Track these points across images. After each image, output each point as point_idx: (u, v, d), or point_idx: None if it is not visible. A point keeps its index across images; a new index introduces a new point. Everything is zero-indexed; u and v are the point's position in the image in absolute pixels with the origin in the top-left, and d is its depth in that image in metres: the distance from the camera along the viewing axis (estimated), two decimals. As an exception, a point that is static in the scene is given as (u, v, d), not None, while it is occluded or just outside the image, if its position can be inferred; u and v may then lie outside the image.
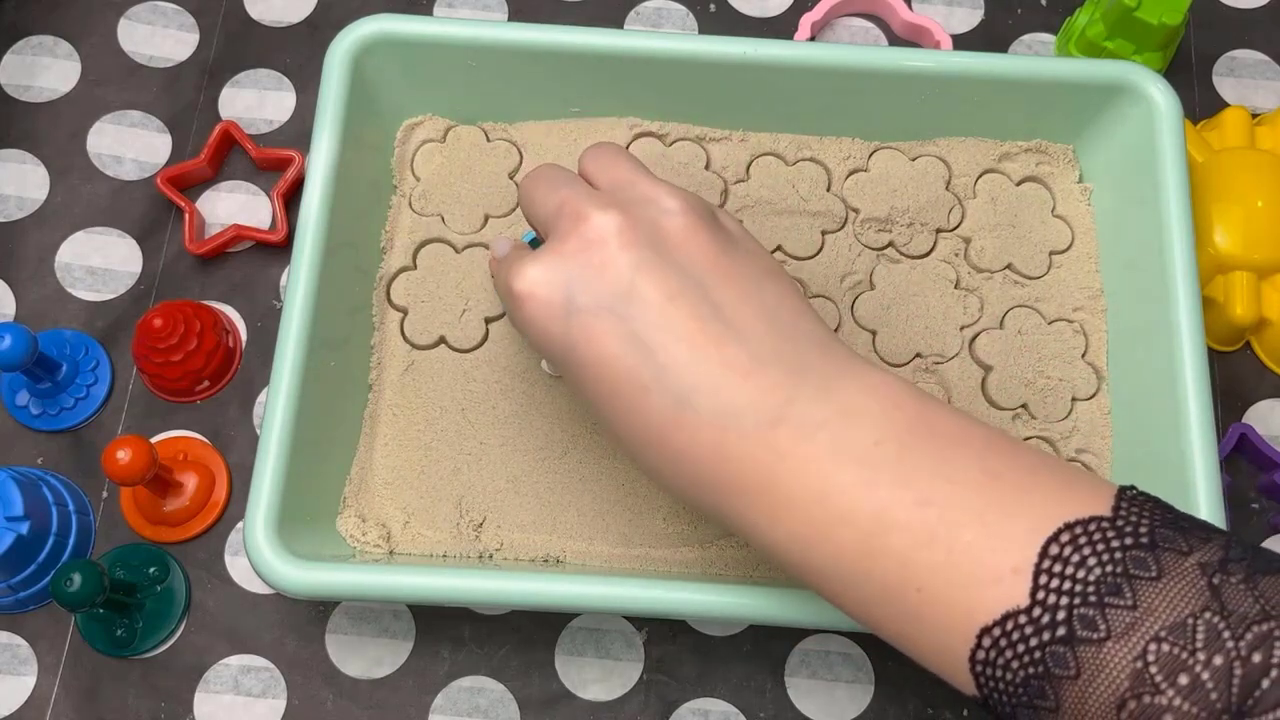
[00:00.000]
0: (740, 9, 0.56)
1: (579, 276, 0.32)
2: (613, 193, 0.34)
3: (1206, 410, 0.41)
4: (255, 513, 0.39)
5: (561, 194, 0.34)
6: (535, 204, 0.36)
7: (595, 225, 0.32)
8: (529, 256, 0.34)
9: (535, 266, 0.33)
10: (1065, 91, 0.46)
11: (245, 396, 0.49)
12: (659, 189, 0.34)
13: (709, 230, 0.33)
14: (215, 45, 0.55)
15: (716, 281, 0.32)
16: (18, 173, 0.52)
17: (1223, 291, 0.48)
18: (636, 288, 0.31)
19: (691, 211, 0.33)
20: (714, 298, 0.32)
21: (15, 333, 0.43)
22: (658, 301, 0.31)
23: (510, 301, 0.34)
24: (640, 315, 0.31)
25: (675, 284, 0.32)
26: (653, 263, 0.32)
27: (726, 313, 0.31)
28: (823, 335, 0.32)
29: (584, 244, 0.32)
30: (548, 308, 0.33)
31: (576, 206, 0.33)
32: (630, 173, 0.35)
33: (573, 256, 0.32)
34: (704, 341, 0.31)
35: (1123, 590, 0.26)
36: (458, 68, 0.46)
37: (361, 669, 0.45)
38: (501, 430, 0.45)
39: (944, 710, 0.45)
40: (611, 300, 0.32)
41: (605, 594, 0.38)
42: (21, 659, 0.45)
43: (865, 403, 0.30)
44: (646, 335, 0.31)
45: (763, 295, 0.32)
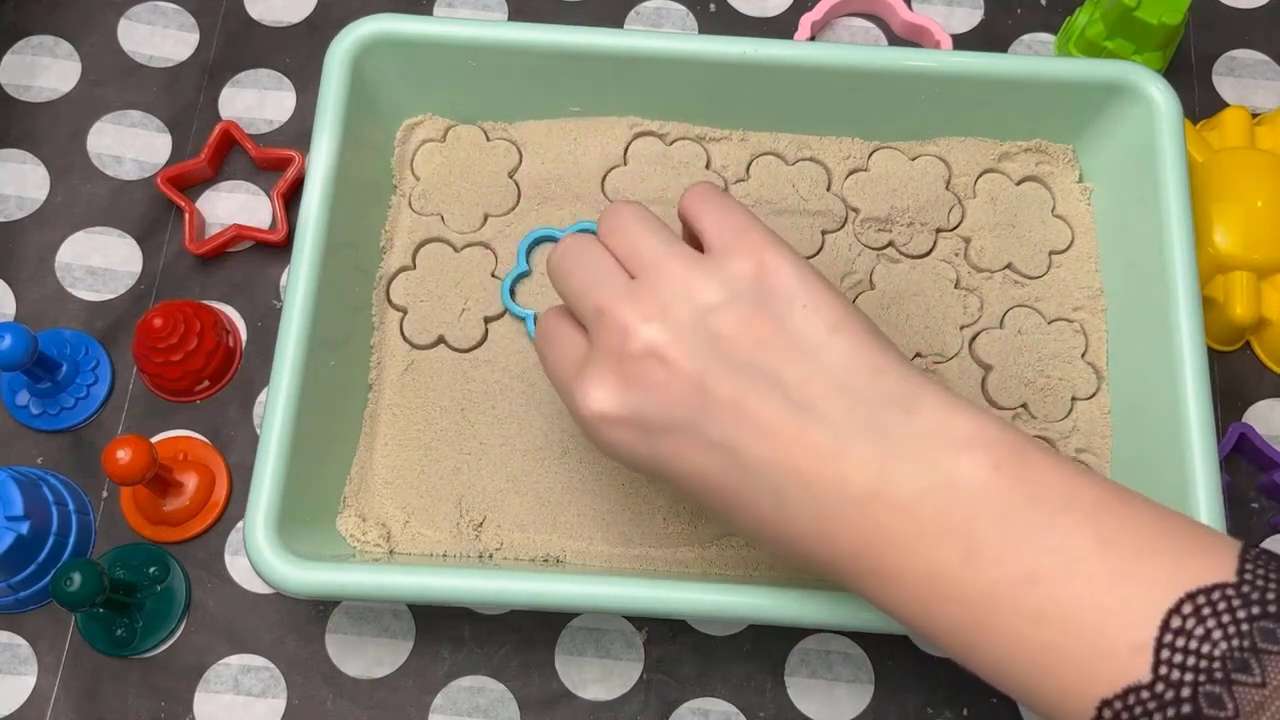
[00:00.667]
0: (740, 9, 0.56)
1: (644, 399, 0.32)
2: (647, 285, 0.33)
3: (1206, 410, 0.41)
4: (255, 512, 0.39)
5: (598, 296, 0.33)
6: (571, 297, 0.35)
7: (643, 342, 0.32)
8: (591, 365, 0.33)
9: (598, 388, 0.33)
10: (1065, 91, 0.46)
11: (245, 396, 0.49)
12: (692, 276, 0.32)
13: (756, 308, 0.32)
14: (215, 45, 0.55)
15: (780, 363, 0.31)
16: (18, 173, 0.52)
17: (1223, 291, 0.48)
18: (705, 397, 0.31)
19: (735, 295, 0.32)
20: (783, 381, 0.31)
21: (15, 333, 0.43)
22: (728, 405, 0.31)
23: (581, 421, 0.34)
24: (718, 422, 0.31)
25: (740, 383, 0.31)
26: (713, 369, 0.31)
27: (797, 396, 0.30)
28: (904, 389, 0.31)
29: (638, 364, 0.32)
30: (625, 432, 0.32)
31: (616, 316, 0.32)
32: (654, 251, 0.34)
33: (634, 379, 0.32)
34: (783, 434, 0.30)
35: (1250, 666, 0.25)
36: (458, 68, 0.46)
37: (361, 669, 0.45)
38: (501, 430, 0.45)
39: (944, 710, 0.45)
40: (684, 416, 0.31)
41: (605, 594, 0.38)
42: (21, 659, 0.45)
43: (962, 470, 0.29)
44: (727, 442, 0.31)
45: (833, 361, 0.31)
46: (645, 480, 0.44)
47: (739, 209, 0.35)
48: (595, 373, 0.33)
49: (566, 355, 0.35)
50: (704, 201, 0.35)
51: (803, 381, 0.31)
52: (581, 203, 0.48)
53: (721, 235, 0.34)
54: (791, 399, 0.30)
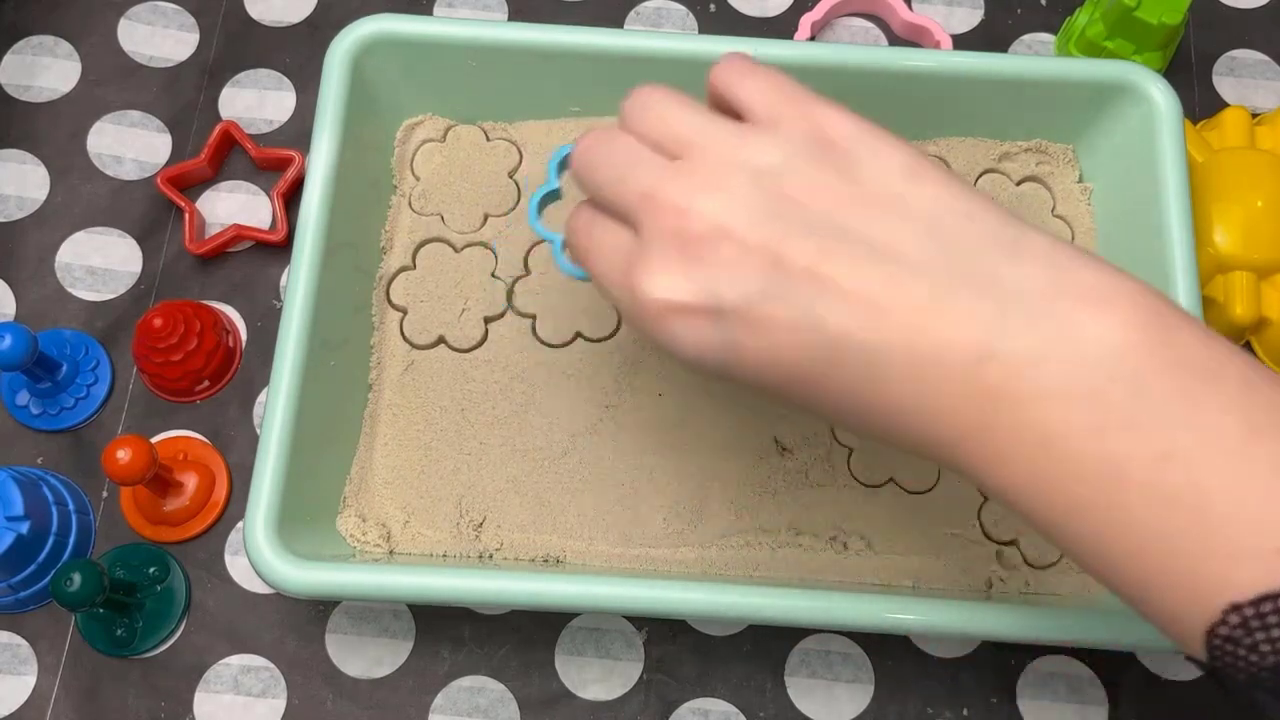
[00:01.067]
0: (740, 9, 0.56)
1: (714, 275, 0.28)
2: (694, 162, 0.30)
3: (1206, 410, 0.41)
4: (255, 513, 0.39)
5: (640, 179, 0.30)
6: (608, 188, 0.31)
7: (703, 217, 0.28)
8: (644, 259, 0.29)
9: (660, 275, 0.29)
10: (1065, 91, 0.46)
11: (245, 396, 0.49)
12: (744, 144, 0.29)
13: (819, 168, 0.29)
14: (215, 45, 0.55)
15: (859, 217, 0.28)
16: (18, 173, 0.52)
17: (1223, 291, 0.48)
18: (781, 266, 0.28)
19: (795, 156, 0.29)
20: (867, 237, 0.27)
21: (15, 333, 0.43)
22: (809, 270, 0.27)
23: (645, 317, 0.30)
24: (798, 292, 0.27)
25: (817, 244, 0.28)
26: (784, 234, 0.28)
27: (886, 249, 0.27)
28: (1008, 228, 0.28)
29: (701, 243, 0.28)
30: (700, 320, 0.29)
31: (669, 196, 0.29)
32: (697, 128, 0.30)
33: (700, 259, 0.28)
34: (873, 294, 0.27)
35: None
36: (458, 68, 0.46)
37: (361, 669, 0.45)
38: (501, 430, 0.45)
39: (944, 710, 0.45)
40: (762, 289, 0.28)
41: (605, 594, 0.38)
42: (21, 659, 0.45)
43: (1088, 324, 0.26)
44: (810, 309, 0.27)
45: (916, 208, 0.28)
46: (645, 480, 0.44)
47: (781, 74, 0.31)
48: (653, 259, 0.29)
49: (612, 248, 0.31)
50: (742, 70, 0.32)
51: (888, 233, 0.27)
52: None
53: (766, 101, 0.30)
54: (876, 255, 0.27)
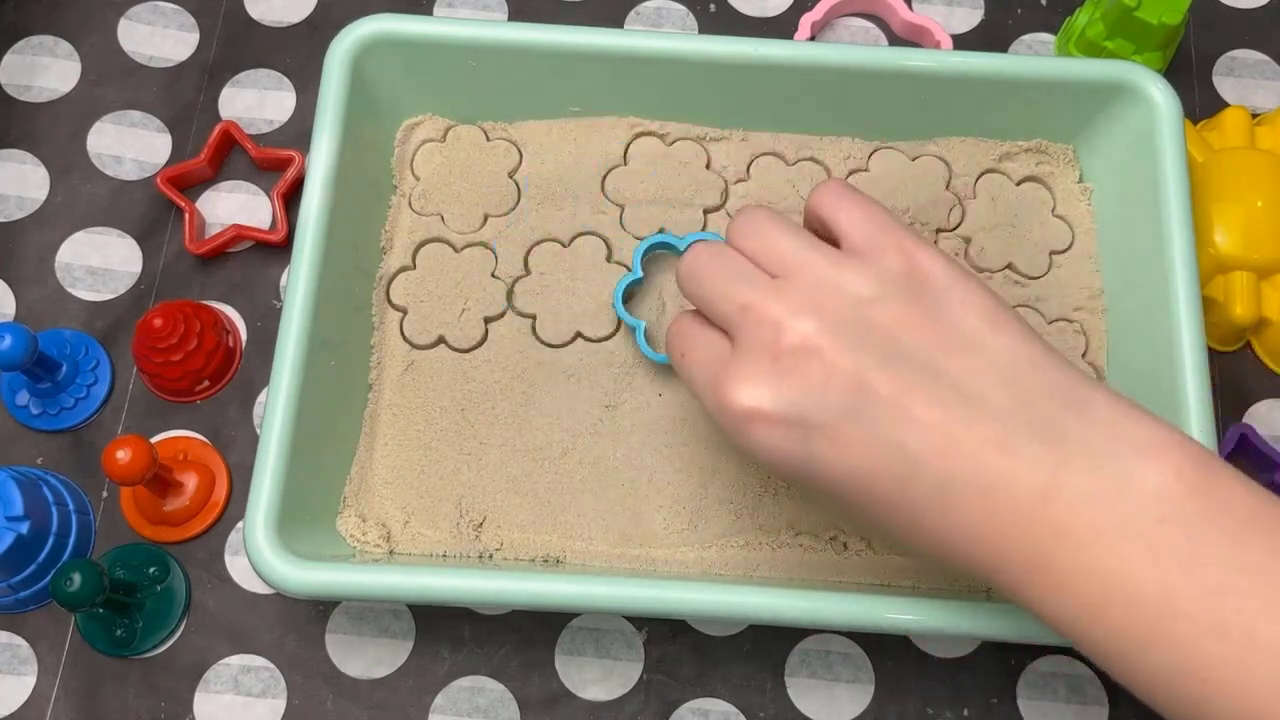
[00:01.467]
0: (740, 9, 0.56)
1: (803, 393, 0.30)
2: (794, 283, 0.32)
3: (1206, 410, 0.41)
4: (255, 513, 0.39)
5: (742, 293, 0.32)
6: (710, 299, 0.34)
7: (798, 334, 0.31)
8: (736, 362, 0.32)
9: (750, 384, 0.31)
10: (1065, 91, 0.46)
11: (245, 396, 0.49)
12: (842, 272, 0.32)
13: (911, 302, 0.31)
14: (215, 45, 0.55)
15: (942, 355, 0.30)
16: (18, 173, 0.52)
17: (1223, 291, 0.48)
18: (866, 391, 0.30)
19: (888, 289, 0.31)
20: (948, 375, 0.30)
21: (15, 333, 0.43)
22: (892, 398, 0.30)
23: (730, 421, 0.32)
24: (880, 417, 0.30)
25: (904, 375, 0.30)
26: (872, 361, 0.30)
27: (964, 388, 0.30)
28: (1072, 385, 0.30)
29: (793, 359, 0.31)
30: (782, 430, 0.31)
31: (767, 310, 0.31)
32: (799, 252, 0.33)
33: (789, 374, 0.31)
34: (951, 426, 0.29)
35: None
36: (458, 68, 0.46)
37: (361, 669, 0.45)
38: (501, 430, 0.45)
39: (944, 710, 0.45)
40: (845, 410, 0.30)
41: (605, 594, 0.38)
42: (21, 659, 0.45)
43: (1143, 471, 0.28)
44: (892, 435, 0.30)
45: (994, 354, 0.30)
46: (646, 480, 0.44)
47: (878, 206, 0.34)
48: (745, 369, 0.31)
49: (709, 356, 0.33)
50: (840, 198, 0.34)
51: (967, 374, 0.30)
52: (582, 203, 0.48)
53: (864, 232, 0.33)
54: (956, 393, 0.30)
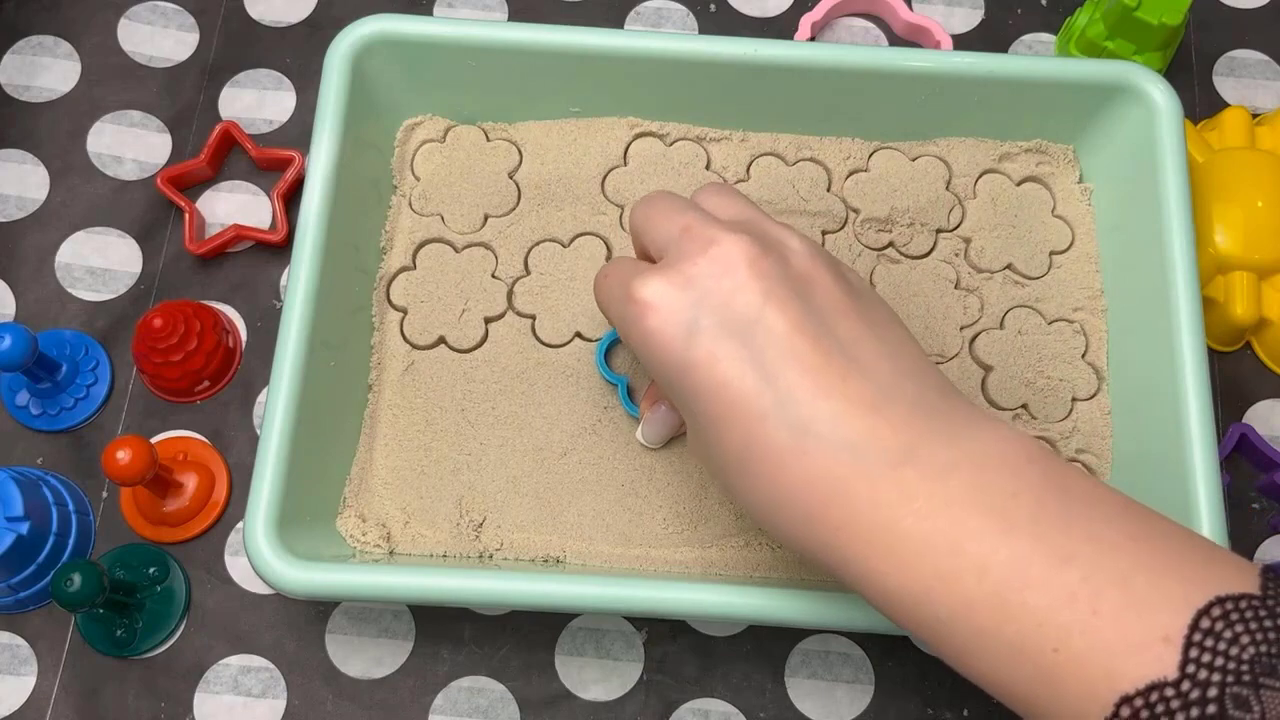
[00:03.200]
0: (740, 9, 0.56)
1: (706, 298, 0.32)
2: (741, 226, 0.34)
3: (1206, 410, 0.41)
4: (255, 513, 0.39)
5: (686, 217, 0.34)
6: (653, 224, 0.35)
7: (727, 250, 0.32)
8: (651, 269, 0.33)
9: (660, 280, 0.33)
10: (1065, 91, 0.46)
11: (245, 396, 0.49)
12: (784, 231, 0.34)
13: (834, 273, 0.33)
14: (215, 45, 0.55)
15: (841, 319, 0.32)
16: (18, 173, 0.52)
17: (1223, 291, 0.48)
18: (765, 316, 0.31)
19: (819, 254, 0.34)
20: (839, 334, 0.31)
21: (15, 333, 0.43)
22: (785, 331, 0.31)
23: (628, 309, 0.33)
24: (765, 343, 0.31)
25: (802, 316, 0.31)
26: (782, 294, 0.31)
27: (851, 349, 0.31)
28: (944, 384, 0.32)
29: (714, 266, 0.32)
30: (671, 323, 0.32)
31: (705, 230, 0.33)
32: (752, 211, 0.35)
33: (702, 278, 0.32)
34: (828, 373, 0.30)
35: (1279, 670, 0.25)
36: (458, 68, 0.46)
37: (361, 669, 0.45)
38: (501, 430, 0.45)
39: (944, 710, 0.45)
40: (738, 325, 0.31)
41: (605, 594, 0.38)
42: (21, 659, 0.45)
43: (998, 451, 0.29)
44: (770, 363, 0.30)
45: (886, 337, 0.32)
46: (645, 480, 0.44)
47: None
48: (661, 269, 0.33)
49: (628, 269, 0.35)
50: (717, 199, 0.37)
51: (858, 340, 0.31)
52: (581, 203, 0.48)
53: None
54: (845, 350, 0.31)
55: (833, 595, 0.38)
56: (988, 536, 0.28)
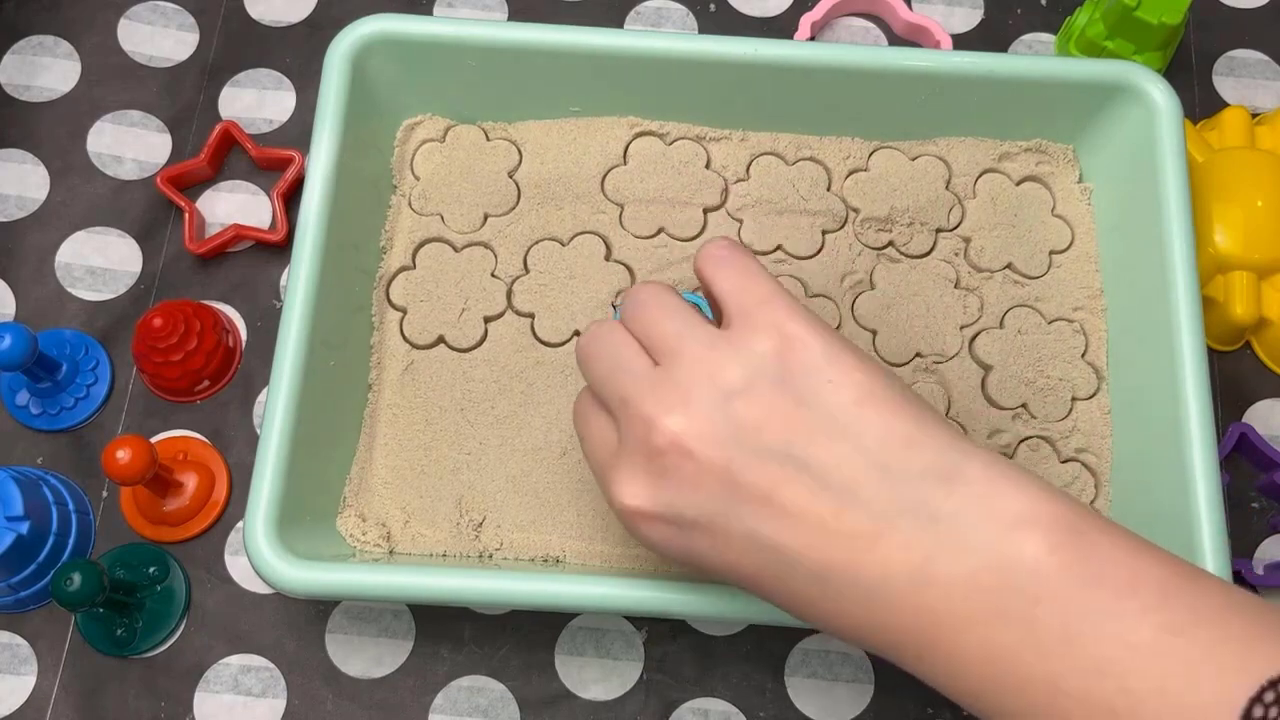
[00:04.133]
0: (740, 9, 0.56)
1: (674, 494, 0.31)
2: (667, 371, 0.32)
3: (1206, 410, 0.41)
4: (255, 512, 0.38)
5: (621, 384, 0.33)
6: (597, 385, 0.34)
7: (667, 435, 0.31)
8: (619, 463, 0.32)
9: (630, 484, 0.32)
10: (1065, 91, 0.46)
11: (245, 396, 0.49)
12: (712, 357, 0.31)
13: (780, 389, 0.31)
14: (215, 45, 0.55)
15: (811, 445, 0.30)
16: (18, 173, 0.52)
17: (1223, 291, 0.48)
18: (736, 488, 0.30)
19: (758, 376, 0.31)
20: (816, 465, 0.30)
21: (15, 333, 0.43)
22: (759, 496, 0.30)
23: (617, 514, 0.33)
24: (749, 515, 0.30)
25: (770, 471, 0.30)
26: (740, 459, 0.30)
27: (833, 478, 0.29)
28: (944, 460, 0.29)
29: (665, 459, 0.31)
30: (663, 527, 0.32)
31: (639, 408, 0.31)
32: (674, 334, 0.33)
33: (663, 474, 0.31)
34: (819, 522, 0.29)
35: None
36: (458, 68, 0.46)
37: (361, 669, 0.45)
38: (501, 430, 0.45)
39: (944, 710, 0.45)
40: (717, 508, 0.30)
41: (605, 594, 0.38)
42: (21, 659, 0.45)
43: (1017, 547, 0.27)
44: (764, 533, 0.30)
45: (863, 438, 0.30)
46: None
47: (758, 274, 0.33)
48: (626, 466, 0.32)
49: (600, 443, 0.34)
50: (720, 264, 0.34)
51: (834, 464, 0.29)
52: (581, 203, 0.48)
53: (741, 305, 0.32)
54: (823, 484, 0.29)
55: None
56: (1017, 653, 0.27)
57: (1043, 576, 0.27)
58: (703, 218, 0.48)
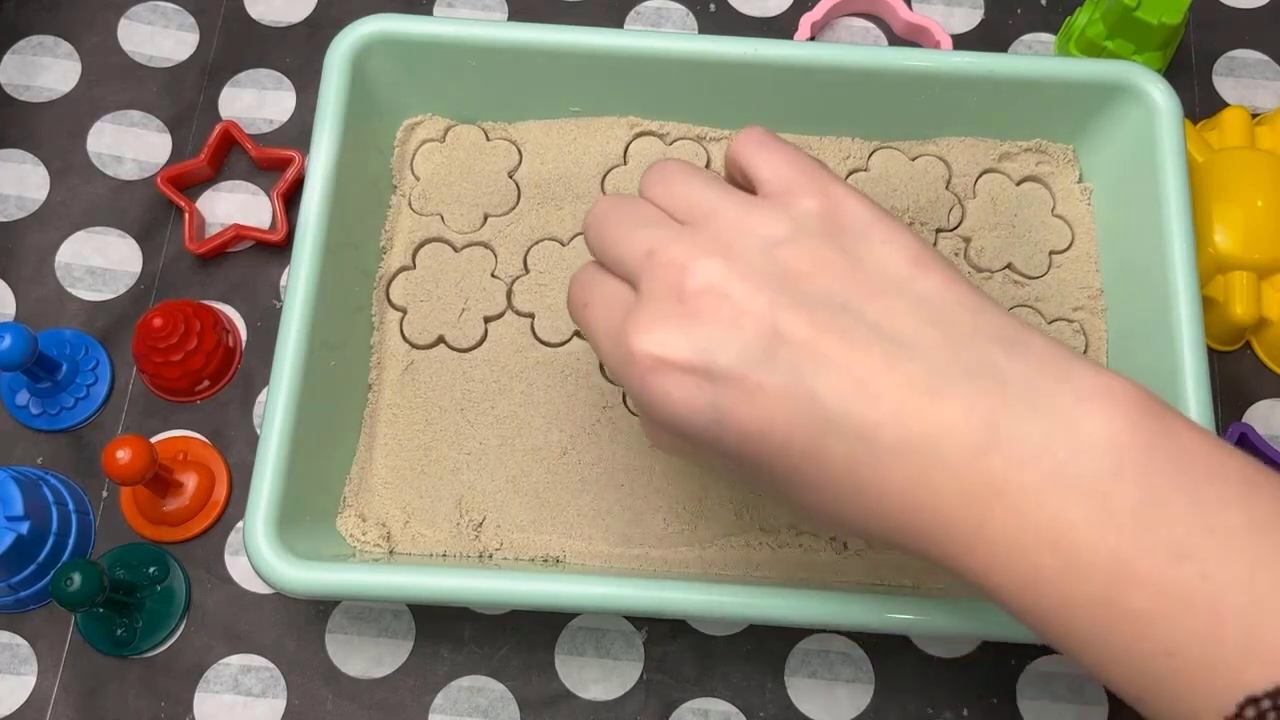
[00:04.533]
0: (740, 9, 0.56)
1: (712, 337, 0.27)
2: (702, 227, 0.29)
3: (1206, 410, 0.41)
4: (255, 512, 0.39)
5: (646, 237, 0.30)
6: (613, 246, 0.31)
7: (704, 276, 0.28)
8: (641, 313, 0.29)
9: (655, 330, 0.28)
10: (1065, 91, 0.46)
11: (245, 396, 0.49)
12: (752, 215, 0.29)
13: (827, 245, 0.28)
14: (215, 45, 0.55)
15: (863, 298, 0.27)
16: (18, 173, 0.52)
17: (1223, 291, 0.48)
18: (778, 334, 0.27)
19: (800, 232, 0.29)
20: (868, 317, 0.27)
21: (15, 333, 0.43)
22: (807, 342, 0.27)
23: (634, 373, 0.29)
24: (793, 362, 0.27)
25: (820, 317, 0.27)
26: (786, 303, 0.27)
27: (887, 330, 0.27)
28: (1008, 326, 0.27)
29: (701, 300, 0.28)
30: (690, 380, 0.28)
31: (671, 254, 0.29)
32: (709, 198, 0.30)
33: (696, 317, 0.28)
34: (874, 369, 0.26)
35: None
36: (458, 68, 0.46)
37: (361, 669, 0.45)
38: (501, 430, 0.45)
39: (944, 710, 0.45)
40: (755, 354, 0.27)
41: (605, 594, 0.38)
42: (21, 659, 0.45)
43: (1094, 418, 0.25)
44: (808, 382, 0.27)
45: (920, 295, 0.28)
46: (645, 480, 0.44)
47: (799, 152, 0.31)
48: (650, 314, 0.28)
49: (612, 304, 0.30)
50: (761, 144, 0.31)
51: (889, 315, 0.27)
52: (582, 203, 0.48)
53: (780, 176, 0.30)
54: (878, 334, 0.27)
55: (833, 595, 0.38)
56: (1086, 529, 0.25)
57: (1122, 450, 0.25)
58: (703, 218, 0.48)
